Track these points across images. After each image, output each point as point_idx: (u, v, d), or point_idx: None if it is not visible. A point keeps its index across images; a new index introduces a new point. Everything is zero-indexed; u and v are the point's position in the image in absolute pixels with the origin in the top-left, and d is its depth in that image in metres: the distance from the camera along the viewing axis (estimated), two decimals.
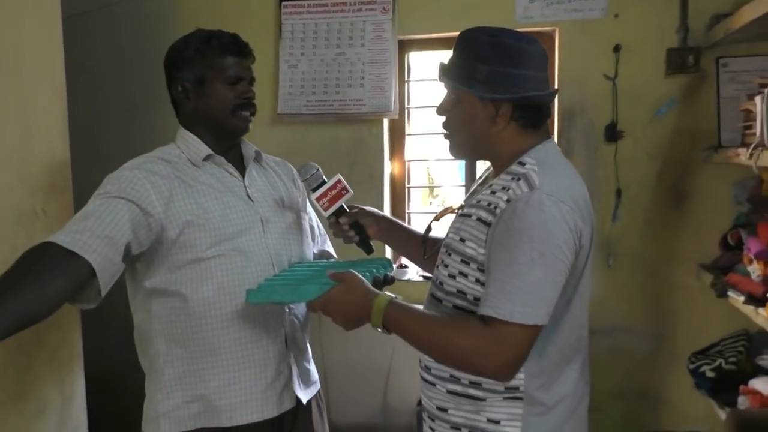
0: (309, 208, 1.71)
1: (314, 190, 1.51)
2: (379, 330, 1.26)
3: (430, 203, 3.77)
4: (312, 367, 1.66)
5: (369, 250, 1.58)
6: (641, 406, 2.62)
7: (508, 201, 1.17)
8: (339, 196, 1.50)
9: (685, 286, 2.53)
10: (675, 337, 2.57)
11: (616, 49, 2.50)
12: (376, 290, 1.29)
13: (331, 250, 1.79)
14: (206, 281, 1.43)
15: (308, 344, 1.66)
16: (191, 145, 1.52)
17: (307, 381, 1.60)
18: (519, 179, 1.19)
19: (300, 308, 1.57)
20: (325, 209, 1.51)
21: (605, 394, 2.54)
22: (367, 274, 1.37)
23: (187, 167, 1.50)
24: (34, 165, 1.79)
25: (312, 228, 1.72)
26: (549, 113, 1.31)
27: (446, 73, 1.28)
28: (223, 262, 1.44)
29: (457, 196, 3.02)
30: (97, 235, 1.28)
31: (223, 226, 1.45)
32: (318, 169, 1.53)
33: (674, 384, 2.57)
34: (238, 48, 1.51)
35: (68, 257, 1.24)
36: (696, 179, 2.51)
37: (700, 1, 2.42)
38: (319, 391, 1.68)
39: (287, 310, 1.54)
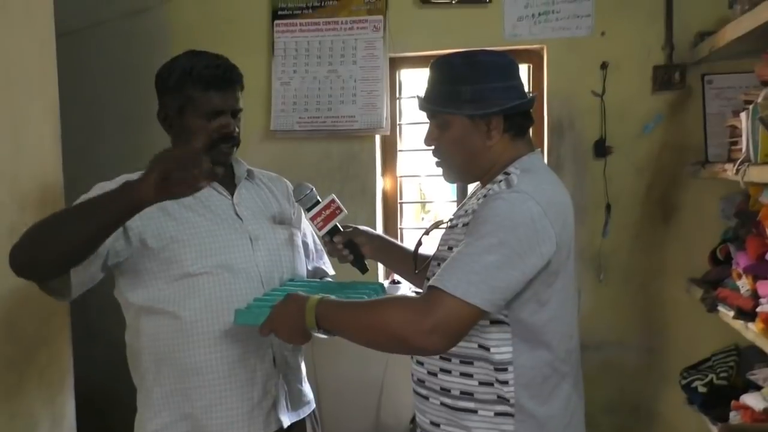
0: (304, 224, 1.71)
1: (308, 210, 1.52)
2: (318, 333, 1.27)
3: (422, 219, 3.77)
4: (305, 387, 1.64)
5: (363, 269, 1.58)
6: (633, 421, 2.62)
7: (485, 196, 1.22)
8: (333, 215, 1.52)
9: (675, 300, 2.55)
10: (666, 351, 2.58)
11: (603, 66, 2.53)
12: (310, 296, 1.28)
13: (327, 267, 1.79)
14: (193, 298, 1.43)
15: (302, 364, 1.64)
16: None
17: (298, 402, 1.59)
18: (501, 182, 1.24)
19: None
20: (320, 228, 1.52)
21: (597, 409, 2.54)
22: (364, 297, 1.38)
23: None
24: (25, 181, 1.79)
25: (306, 244, 1.72)
26: (532, 119, 1.36)
27: (429, 101, 1.32)
28: (210, 279, 1.44)
29: (449, 212, 3.03)
30: None
31: (209, 242, 1.45)
32: (312, 189, 1.54)
33: (666, 399, 2.57)
34: (221, 80, 1.46)
35: None
36: (684, 194, 2.53)
37: (684, 19, 2.46)
38: (314, 411, 1.67)
39: None
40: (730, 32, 1.99)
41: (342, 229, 1.54)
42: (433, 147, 1.35)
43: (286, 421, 1.53)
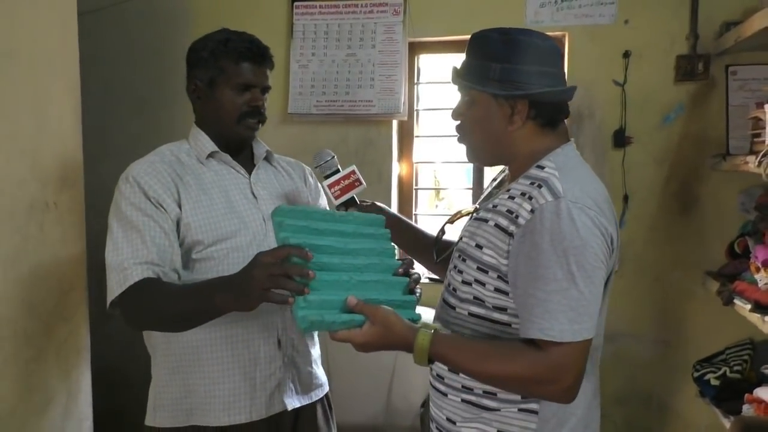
0: (321, 201, 1.71)
1: (327, 177, 1.50)
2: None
3: (436, 206, 3.77)
4: (316, 369, 1.63)
5: None
6: (644, 412, 2.61)
7: (532, 211, 1.12)
8: (351, 186, 1.49)
9: (690, 293, 2.53)
10: (680, 344, 2.56)
11: (626, 54, 2.50)
12: (411, 325, 1.19)
13: None
14: (204, 277, 1.42)
15: (314, 347, 1.63)
16: (199, 142, 1.53)
17: (308, 384, 1.58)
18: (540, 186, 1.14)
19: None
20: (336, 197, 1.50)
21: (608, 399, 2.53)
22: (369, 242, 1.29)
23: (193, 164, 1.51)
24: (46, 158, 1.81)
25: None
26: (567, 111, 1.28)
27: (460, 74, 1.26)
28: (222, 260, 1.44)
29: (463, 200, 3.02)
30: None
31: (221, 225, 1.45)
32: (333, 156, 1.52)
33: (678, 391, 2.56)
34: (254, 55, 1.49)
35: None
36: (703, 186, 2.50)
37: (710, 8, 2.42)
38: (327, 395, 1.66)
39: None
40: (757, 22, 1.96)
41: (358, 202, 1.52)
42: (458, 122, 1.30)
43: (292, 404, 1.52)
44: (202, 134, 1.54)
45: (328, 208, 1.69)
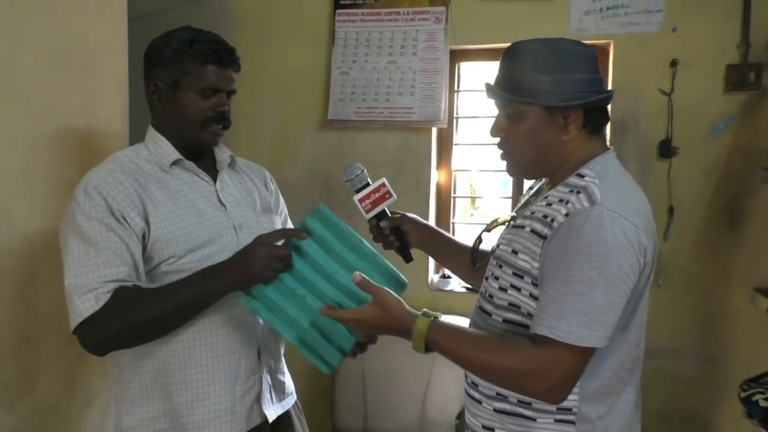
0: (281, 208, 1.67)
1: (357, 191, 1.47)
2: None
3: (471, 215, 3.73)
4: (286, 378, 1.60)
5: (408, 257, 1.53)
6: (686, 430, 2.53)
7: (567, 215, 1.12)
8: (382, 199, 1.47)
9: (738, 309, 2.45)
10: (725, 362, 2.48)
11: (673, 63, 2.44)
12: (412, 311, 1.22)
13: None
14: None
15: (282, 355, 1.60)
16: (160, 148, 1.45)
17: (280, 394, 1.55)
18: (579, 192, 1.14)
19: None
20: (367, 211, 1.47)
21: (650, 416, 2.45)
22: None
23: (155, 172, 1.43)
24: (95, 159, 1.84)
25: (289, 225, 1.67)
26: (609, 116, 1.29)
27: (503, 89, 1.23)
28: (193, 272, 1.35)
29: (500, 209, 2.99)
30: None
31: (193, 236, 1.38)
32: (363, 170, 1.48)
33: (723, 410, 2.48)
34: (221, 56, 1.42)
35: None
36: (753, 199, 2.42)
37: (762, 16, 2.35)
38: (296, 402, 1.63)
39: (261, 321, 1.47)
40: None
41: (390, 215, 1.50)
42: (499, 139, 1.28)
43: (272, 414, 1.49)
44: (162, 139, 1.46)
45: (287, 217, 1.71)
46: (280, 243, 1.32)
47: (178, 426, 1.39)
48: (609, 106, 1.29)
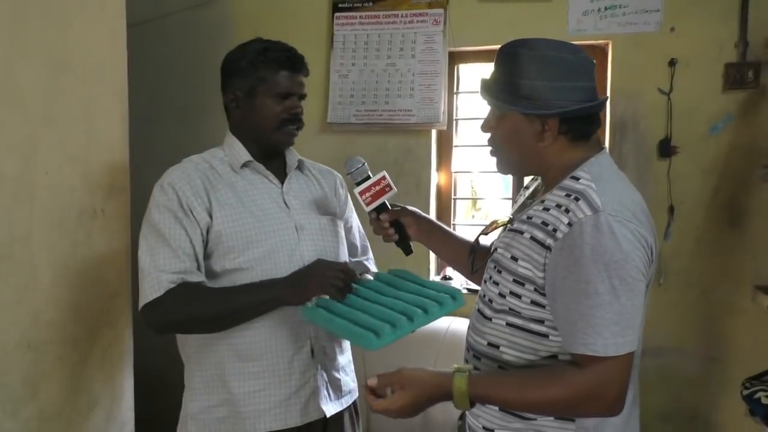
0: (351, 218, 1.73)
1: (358, 184, 1.50)
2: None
3: (473, 216, 3.73)
4: (346, 377, 1.63)
5: (407, 250, 1.55)
6: (689, 429, 2.53)
7: (569, 224, 1.11)
8: (382, 192, 1.49)
9: (739, 307, 2.45)
10: (727, 360, 2.48)
11: (672, 63, 2.45)
12: (443, 372, 1.18)
13: (370, 264, 1.78)
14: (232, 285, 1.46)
15: (342, 354, 1.63)
16: (234, 150, 1.56)
17: (337, 392, 1.59)
18: (578, 199, 1.13)
19: None
20: (367, 204, 1.49)
21: (652, 415, 2.47)
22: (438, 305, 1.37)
23: (226, 172, 1.54)
24: (95, 165, 1.86)
25: (353, 238, 1.73)
26: (599, 123, 1.26)
27: (488, 90, 1.25)
28: (254, 271, 1.46)
29: (501, 210, 2.99)
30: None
31: (253, 233, 1.47)
32: (364, 163, 1.52)
33: (725, 408, 2.48)
34: (293, 63, 1.52)
35: None
36: (753, 198, 2.43)
37: (761, 14, 2.36)
38: (354, 402, 1.66)
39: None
40: None
41: (390, 208, 1.52)
42: (489, 135, 1.29)
43: (330, 410, 1.54)
44: (237, 143, 1.56)
45: (356, 220, 1.76)
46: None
47: (236, 415, 1.48)
48: (608, 108, 1.27)
